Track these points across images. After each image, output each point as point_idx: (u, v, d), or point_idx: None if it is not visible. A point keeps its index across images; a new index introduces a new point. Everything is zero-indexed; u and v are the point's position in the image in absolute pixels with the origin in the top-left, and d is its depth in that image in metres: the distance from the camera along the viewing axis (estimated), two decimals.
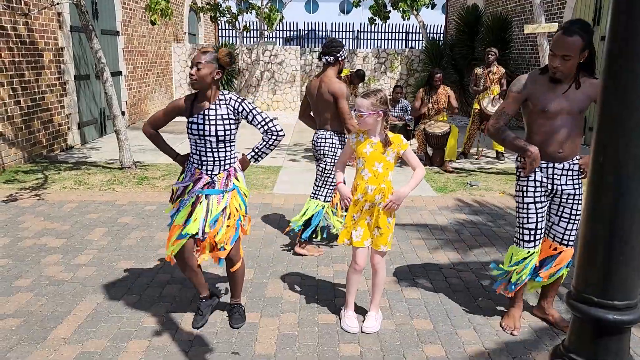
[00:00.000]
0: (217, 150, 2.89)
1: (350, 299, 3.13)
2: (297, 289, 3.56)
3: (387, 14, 14.45)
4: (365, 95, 2.85)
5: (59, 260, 3.97)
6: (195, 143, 2.90)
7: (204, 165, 2.92)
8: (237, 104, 2.90)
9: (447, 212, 5.36)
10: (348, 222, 2.99)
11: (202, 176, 2.92)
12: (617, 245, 1.10)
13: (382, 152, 2.89)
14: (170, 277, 3.70)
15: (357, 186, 2.95)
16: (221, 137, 2.86)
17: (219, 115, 2.87)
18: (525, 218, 2.96)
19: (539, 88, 2.83)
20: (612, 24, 1.09)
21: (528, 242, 2.97)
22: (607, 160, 1.09)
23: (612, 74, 1.10)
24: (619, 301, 1.09)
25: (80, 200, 5.47)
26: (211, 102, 2.89)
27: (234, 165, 2.99)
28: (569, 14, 10.30)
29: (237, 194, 2.98)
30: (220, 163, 2.92)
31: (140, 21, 11.48)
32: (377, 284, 3.10)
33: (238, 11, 13.89)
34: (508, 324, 3.10)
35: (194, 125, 2.87)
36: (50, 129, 7.83)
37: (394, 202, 2.88)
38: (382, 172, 2.90)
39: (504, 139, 2.93)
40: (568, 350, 1.15)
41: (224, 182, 2.93)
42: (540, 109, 2.81)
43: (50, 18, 7.80)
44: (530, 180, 2.93)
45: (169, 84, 13.57)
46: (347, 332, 3.03)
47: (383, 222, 2.93)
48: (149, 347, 2.85)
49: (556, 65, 2.72)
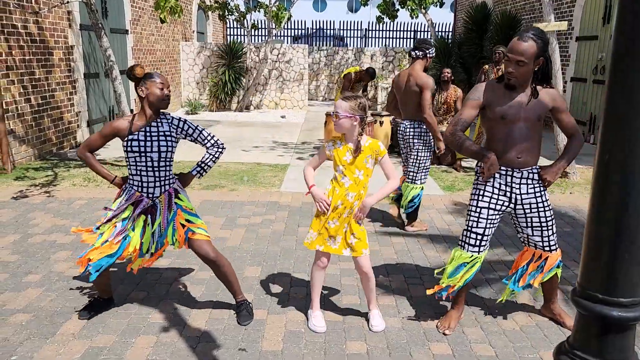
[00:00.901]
0: (157, 169, 2.92)
1: (316, 298, 3.12)
2: (304, 287, 3.58)
3: (395, 13, 14.44)
4: (346, 98, 2.83)
5: (68, 256, 4.01)
6: (135, 162, 2.91)
7: (144, 187, 2.93)
8: (182, 123, 2.98)
9: (455, 211, 5.35)
10: (322, 229, 2.93)
11: (142, 199, 2.93)
12: (623, 244, 1.10)
13: (363, 159, 2.87)
14: (179, 274, 3.73)
15: (335, 193, 2.91)
16: (163, 153, 2.90)
17: (161, 132, 2.91)
18: (475, 222, 2.95)
19: (497, 96, 2.86)
20: (618, 23, 1.10)
21: (473, 246, 2.96)
22: (612, 159, 1.10)
23: (618, 73, 1.10)
24: (624, 298, 1.09)
25: (89, 197, 5.52)
26: (152, 121, 2.92)
27: (173, 185, 3.02)
28: (579, 12, 10.24)
29: (181, 212, 3.01)
30: (161, 183, 2.96)
31: (149, 20, 11.54)
32: (371, 288, 3.07)
33: (246, 9, 13.93)
34: (443, 323, 3.08)
35: (134, 142, 2.87)
36: (60, 126, 7.89)
37: (361, 211, 2.88)
38: (362, 180, 2.89)
39: (460, 145, 2.93)
40: (573, 347, 1.16)
41: (166, 205, 2.97)
42: (498, 116, 2.84)
43: (60, 16, 7.86)
44: (489, 185, 2.93)
45: (177, 82, 13.63)
46: (314, 332, 3.01)
47: (356, 228, 2.92)
48: (157, 342, 2.88)
49: (510, 71, 2.76)
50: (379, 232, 4.69)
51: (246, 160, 7.59)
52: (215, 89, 13.30)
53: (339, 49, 16.59)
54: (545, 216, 2.95)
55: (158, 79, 2.88)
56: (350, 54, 16.31)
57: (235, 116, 12.67)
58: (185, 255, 4.05)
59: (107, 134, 2.98)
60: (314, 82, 16.63)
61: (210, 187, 6.07)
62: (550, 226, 2.96)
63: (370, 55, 15.85)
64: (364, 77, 8.42)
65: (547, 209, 2.96)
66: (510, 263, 4.04)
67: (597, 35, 9.58)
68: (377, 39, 21.54)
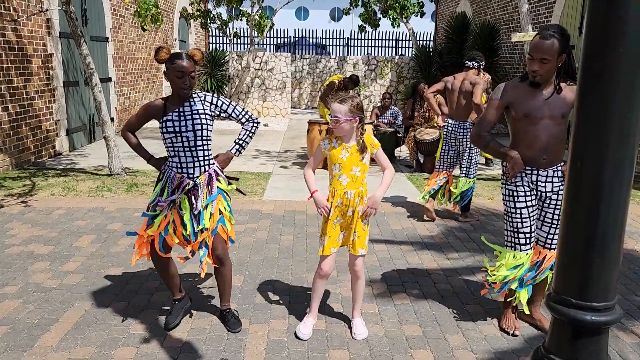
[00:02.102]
0: (194, 149, 2.89)
1: (314, 306, 3.13)
2: (287, 295, 3.57)
3: (377, 22, 14.57)
4: (342, 102, 2.83)
5: (46, 267, 3.95)
6: (172, 143, 2.88)
7: (183, 168, 2.90)
8: (215, 99, 2.96)
9: (437, 218, 5.39)
10: (330, 231, 2.96)
11: (183, 181, 2.91)
12: (595, 250, 1.12)
13: (359, 157, 2.90)
14: (160, 284, 3.69)
15: (334, 192, 2.93)
16: (198, 131, 2.86)
17: (194, 111, 2.88)
18: (519, 222, 2.99)
19: (520, 94, 2.88)
20: (588, 30, 1.13)
21: (525, 245, 3.01)
22: (584, 166, 1.12)
23: (589, 78, 1.12)
24: (597, 302, 1.12)
25: (68, 207, 5.44)
26: (185, 100, 2.90)
27: (212, 166, 2.99)
28: (556, 22, 10.45)
29: (222, 197, 2.99)
30: (200, 163, 2.92)
31: (130, 28, 11.47)
32: (359, 290, 3.10)
33: (228, 18, 13.92)
34: (508, 324, 3.13)
35: (169, 122, 2.85)
36: (38, 135, 7.79)
37: (371, 207, 2.91)
38: (359, 176, 2.91)
39: (485, 146, 2.97)
40: (548, 351, 1.18)
41: (206, 186, 2.93)
42: (522, 115, 2.86)
43: (39, 24, 7.78)
44: (519, 184, 2.96)
45: (159, 91, 13.55)
46: (297, 338, 3.01)
47: (360, 225, 2.95)
48: (137, 354, 2.84)
49: (535, 69, 2.78)
50: None
51: (229, 168, 7.55)
52: None
53: (322, 58, 16.67)
54: (559, 214, 2.98)
55: (177, 65, 2.76)
56: (333, 62, 16.39)
57: (217, 124, 12.61)
58: None
59: (141, 116, 2.97)
60: (297, 90, 16.67)
61: None
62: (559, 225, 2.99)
63: (353, 63, 15.94)
64: (347, 85, 8.47)
65: None
66: None
67: (573, 45, 9.78)
68: (360, 48, 21.69)
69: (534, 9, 11.36)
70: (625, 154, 1.11)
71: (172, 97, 2.92)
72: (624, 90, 1.10)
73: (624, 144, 1.11)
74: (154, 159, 3.07)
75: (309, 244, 4.53)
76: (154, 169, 7.28)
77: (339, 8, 37.08)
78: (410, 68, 14.64)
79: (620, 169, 1.11)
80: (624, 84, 1.09)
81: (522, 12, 7.05)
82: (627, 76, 1.09)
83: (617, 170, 1.11)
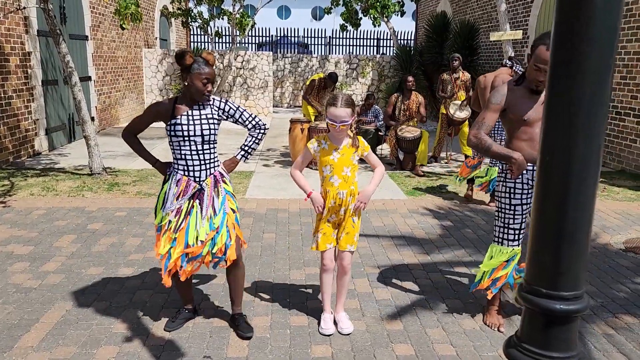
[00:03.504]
0: (202, 152, 2.87)
1: (326, 301, 3.16)
2: (269, 292, 3.59)
3: (358, 21, 14.62)
4: (346, 105, 2.85)
5: (26, 267, 3.91)
6: (179, 146, 2.86)
7: (189, 171, 2.88)
8: (223, 104, 2.92)
9: (417, 215, 5.46)
10: (324, 228, 3.00)
11: (189, 184, 2.88)
12: (565, 242, 1.17)
13: (350, 156, 2.94)
14: (141, 283, 3.68)
15: (327, 193, 2.97)
16: (206, 136, 2.85)
17: (202, 115, 2.86)
18: (511, 219, 3.06)
19: (518, 98, 2.96)
20: (556, 28, 1.17)
21: (512, 241, 3.09)
22: (554, 160, 1.17)
23: (557, 76, 1.17)
24: (566, 292, 1.16)
25: (48, 207, 5.38)
26: (194, 104, 2.88)
27: (218, 169, 2.98)
28: (534, 21, 10.61)
29: (230, 198, 2.98)
30: (206, 166, 2.90)
31: (110, 26, 11.35)
32: (344, 285, 3.15)
33: (210, 16, 13.85)
34: (492, 321, 3.20)
35: (177, 126, 2.82)
36: (17, 134, 7.67)
37: (362, 202, 2.96)
38: (350, 176, 2.96)
39: (487, 149, 3.00)
40: (520, 340, 1.22)
41: (213, 189, 2.91)
42: (519, 117, 2.95)
43: (17, 22, 7.66)
44: (518, 182, 3.04)
45: (140, 90, 13.42)
46: (323, 335, 3.05)
47: (349, 222, 3.00)
48: (119, 352, 2.84)
49: (542, 79, 2.85)
50: None
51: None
52: None
53: (304, 56, 16.68)
54: None
55: (204, 72, 2.77)
56: (315, 61, 16.42)
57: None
58: (148, 264, 4.01)
59: (148, 117, 2.92)
60: (279, 89, 16.65)
61: None
62: None
63: (335, 62, 15.98)
64: (327, 83, 8.51)
65: None
66: (471, 263, 4.15)
67: None
68: (341, 47, 21.74)
69: (512, 8, 11.53)
70: (592, 148, 1.15)
71: (182, 99, 2.88)
72: (591, 88, 1.14)
73: (591, 139, 1.15)
74: (159, 163, 3.04)
75: (291, 241, 4.56)
76: (135, 169, 7.24)
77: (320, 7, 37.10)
78: (391, 67, 14.73)
79: (587, 162, 1.15)
80: (591, 82, 1.14)
81: (500, 11, 7.15)
82: (594, 74, 1.14)
83: (585, 164, 1.15)
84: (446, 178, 7.27)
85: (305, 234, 4.75)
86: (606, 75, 1.13)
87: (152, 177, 6.83)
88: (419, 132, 7.46)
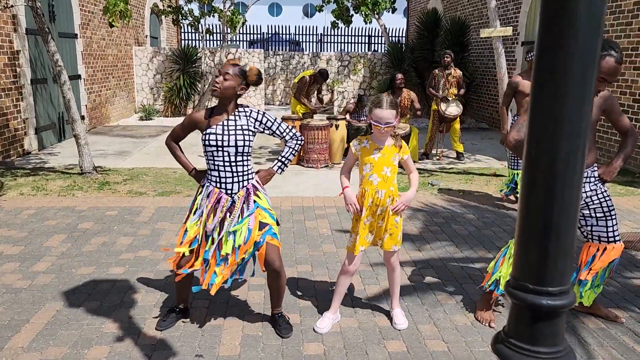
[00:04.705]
0: (234, 164, 2.84)
1: (336, 302, 3.17)
2: (261, 290, 3.59)
3: (349, 18, 14.62)
4: (391, 107, 2.86)
5: (16, 268, 3.88)
6: (212, 156, 2.83)
7: (222, 183, 2.85)
8: (260, 116, 2.90)
9: (409, 211, 5.47)
10: (361, 230, 2.99)
11: (221, 196, 2.86)
12: (551, 238, 1.18)
13: (391, 157, 2.95)
14: (133, 283, 3.67)
15: (365, 192, 2.97)
16: (240, 147, 2.82)
17: (238, 126, 2.84)
18: None
19: None
20: (541, 24, 1.17)
21: None
22: (539, 155, 1.17)
23: (543, 72, 1.17)
24: (552, 287, 1.17)
25: (38, 207, 5.35)
26: (230, 114, 2.86)
27: (252, 181, 2.93)
28: (524, 18, 10.66)
29: (261, 211, 2.90)
30: (239, 179, 2.86)
31: (99, 24, 11.27)
32: (395, 282, 3.18)
33: (200, 14, 13.79)
34: (483, 317, 3.22)
35: (212, 135, 2.80)
36: (6, 134, 7.61)
37: (404, 204, 2.98)
38: (390, 176, 2.97)
39: None
40: (508, 335, 1.23)
41: (243, 202, 2.87)
42: None
43: (5, 20, 7.59)
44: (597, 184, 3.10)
45: (130, 88, 13.35)
46: (316, 332, 3.06)
47: (391, 223, 3.01)
48: (110, 352, 2.83)
49: (602, 89, 2.87)
50: (335, 234, 4.75)
51: (203, 165, 7.52)
52: (170, 94, 13.10)
53: (295, 54, 16.65)
54: (608, 206, 3.10)
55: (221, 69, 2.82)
56: (306, 58, 16.39)
57: None
58: (140, 263, 3.99)
59: (185, 126, 2.94)
60: (271, 86, 16.62)
61: (166, 194, 5.98)
62: (613, 216, 3.11)
63: (326, 59, 15.96)
64: (317, 79, 8.50)
65: (608, 199, 3.11)
66: (462, 260, 4.17)
67: None
68: (333, 44, 21.73)
69: (502, 5, 11.56)
70: (577, 144, 1.16)
71: (219, 108, 2.88)
72: (576, 84, 1.15)
73: (576, 135, 1.16)
74: (195, 171, 3.03)
75: (284, 239, 4.56)
76: (126, 167, 7.20)
77: (311, 4, 37.06)
78: (383, 64, 14.73)
79: (572, 158, 1.16)
80: (576, 78, 1.14)
81: (491, 8, 7.18)
82: (579, 71, 1.14)
83: (570, 159, 1.16)
84: (438, 174, 7.29)
85: (297, 232, 4.75)
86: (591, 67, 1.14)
87: (143, 176, 6.80)
88: (409, 129, 7.48)
